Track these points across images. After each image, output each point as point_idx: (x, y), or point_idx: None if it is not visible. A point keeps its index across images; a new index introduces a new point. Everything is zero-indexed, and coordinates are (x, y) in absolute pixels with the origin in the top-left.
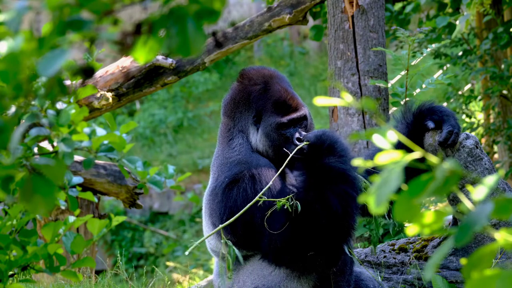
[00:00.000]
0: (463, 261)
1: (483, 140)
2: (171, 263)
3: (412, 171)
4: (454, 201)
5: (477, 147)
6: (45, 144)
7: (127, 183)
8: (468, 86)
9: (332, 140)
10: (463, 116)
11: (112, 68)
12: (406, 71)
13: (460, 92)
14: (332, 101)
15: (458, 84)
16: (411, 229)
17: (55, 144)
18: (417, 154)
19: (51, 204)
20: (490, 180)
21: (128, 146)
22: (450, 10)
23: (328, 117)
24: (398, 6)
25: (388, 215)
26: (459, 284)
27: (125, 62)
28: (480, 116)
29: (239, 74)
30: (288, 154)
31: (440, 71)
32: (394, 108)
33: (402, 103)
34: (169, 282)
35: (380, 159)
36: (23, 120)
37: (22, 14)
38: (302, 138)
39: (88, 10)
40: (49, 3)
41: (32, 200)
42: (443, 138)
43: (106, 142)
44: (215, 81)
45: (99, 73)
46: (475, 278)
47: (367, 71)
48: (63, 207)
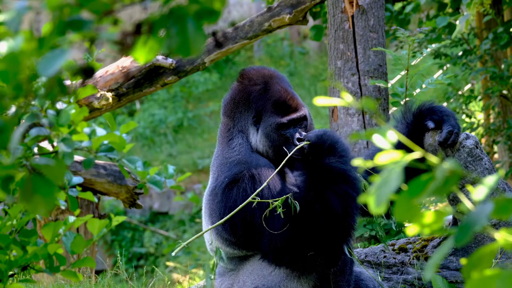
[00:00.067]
0: (463, 261)
1: (483, 140)
2: (171, 263)
3: (412, 171)
4: (454, 201)
5: (477, 147)
6: (45, 144)
7: (127, 183)
8: (468, 86)
9: (333, 140)
10: (463, 116)
11: (112, 68)
12: (406, 71)
13: (460, 92)
14: (332, 101)
15: (458, 84)
16: (411, 229)
17: (55, 144)
18: (417, 154)
19: (51, 204)
20: (490, 180)
21: (128, 146)
22: (450, 10)
23: (328, 117)
24: (398, 6)
25: (388, 215)
26: (459, 284)
27: (125, 62)
28: (480, 116)
29: (239, 74)
30: (291, 155)
31: (440, 71)
32: (394, 108)
33: (402, 103)
34: (169, 282)
35: (380, 159)
36: (23, 120)
37: (22, 14)
38: (303, 138)
39: (88, 10)
40: (49, 3)
41: (32, 200)
42: (443, 138)
43: (106, 142)
44: (215, 81)
45: (99, 73)
46: (475, 278)
47: (367, 71)
48: (63, 207)
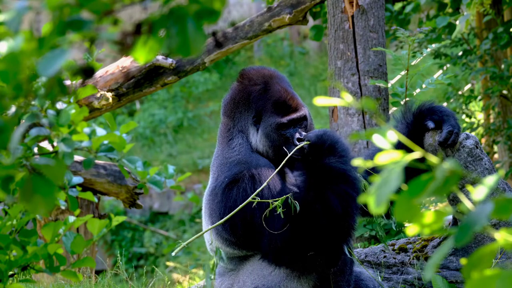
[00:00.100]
0: (463, 261)
1: (483, 140)
2: (171, 263)
3: (412, 171)
4: (454, 201)
5: (477, 147)
6: (45, 144)
7: (127, 183)
8: (468, 86)
9: (333, 140)
10: (463, 116)
11: (112, 68)
12: (406, 71)
13: (460, 92)
14: (332, 101)
15: (458, 84)
16: (411, 229)
17: (55, 144)
18: (417, 154)
19: (51, 204)
20: (490, 180)
21: (128, 146)
22: (450, 10)
23: (328, 117)
24: (398, 6)
25: (388, 215)
26: (459, 284)
27: (125, 62)
28: (480, 116)
29: (239, 74)
30: (288, 154)
31: (440, 71)
32: (394, 108)
33: (402, 103)
34: (169, 282)
35: (380, 159)
36: (23, 120)
37: (22, 14)
38: (303, 138)
39: (88, 10)
40: (49, 3)
41: (32, 200)
42: (443, 138)
43: (106, 142)
44: (215, 81)
45: (99, 73)
46: (475, 278)
47: (367, 71)
48: (63, 207)
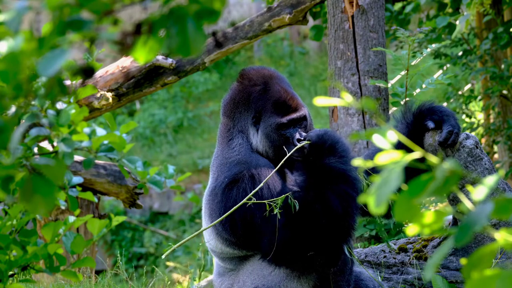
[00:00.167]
0: (463, 261)
1: (483, 140)
2: (171, 263)
3: (412, 171)
4: (454, 201)
5: (477, 147)
6: (45, 144)
7: (127, 183)
8: (468, 86)
9: (333, 140)
10: (463, 116)
11: (112, 68)
12: (406, 71)
13: (460, 92)
14: (332, 101)
15: (458, 84)
16: (411, 229)
17: (55, 144)
18: (417, 154)
19: (51, 204)
20: (490, 180)
21: (128, 146)
22: (450, 10)
23: (328, 117)
24: (398, 6)
25: (388, 215)
26: (459, 284)
27: (125, 62)
28: (480, 116)
29: (239, 74)
30: (290, 155)
31: (440, 71)
32: (394, 108)
33: (402, 103)
34: (169, 282)
35: (380, 159)
36: (23, 120)
37: (22, 14)
38: (303, 138)
39: (88, 10)
40: (49, 3)
41: (32, 200)
42: (443, 138)
43: (106, 142)
44: (215, 81)
45: (99, 73)
46: (475, 278)
47: (367, 71)
48: (63, 207)
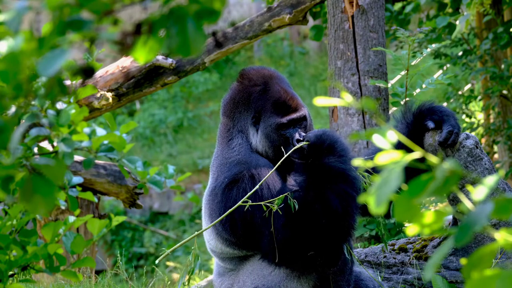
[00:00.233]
0: (463, 261)
1: (483, 140)
2: (171, 263)
3: (412, 171)
4: (454, 201)
5: (477, 147)
6: (45, 144)
7: (127, 183)
8: (468, 86)
9: (332, 140)
10: (463, 116)
11: (112, 68)
12: (406, 71)
13: (460, 92)
14: (332, 101)
15: (458, 84)
16: (411, 229)
17: (55, 144)
18: (417, 154)
19: (51, 204)
20: (490, 180)
21: (128, 146)
22: (450, 10)
23: (328, 117)
24: (398, 6)
25: (388, 215)
26: (459, 284)
27: (125, 62)
28: (480, 116)
29: (239, 74)
30: (288, 155)
31: (440, 71)
32: (394, 108)
33: (402, 103)
34: (169, 282)
35: (380, 159)
36: (23, 120)
37: (22, 14)
38: (302, 138)
39: (88, 10)
40: (49, 3)
41: (32, 200)
42: (443, 138)
43: (106, 142)
44: (215, 81)
45: (99, 73)
46: (475, 278)
47: (367, 71)
48: (63, 207)
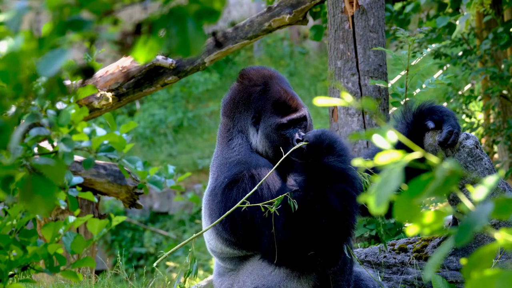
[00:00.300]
0: (463, 261)
1: (483, 140)
2: (171, 263)
3: (412, 171)
4: (454, 201)
5: (477, 147)
6: (45, 144)
7: (127, 183)
8: (468, 86)
9: (331, 140)
10: (463, 116)
11: (112, 68)
12: (406, 71)
13: (460, 92)
14: (332, 101)
15: (458, 84)
16: (411, 229)
17: (55, 144)
18: (417, 154)
19: (51, 204)
20: (490, 180)
21: (128, 146)
22: (450, 10)
23: (328, 117)
24: (398, 6)
25: (388, 215)
26: (459, 284)
27: (125, 62)
28: (480, 116)
29: (239, 74)
30: (288, 155)
31: (440, 71)
32: (394, 108)
33: (402, 103)
34: (169, 282)
35: (380, 159)
36: (23, 120)
37: (22, 14)
38: (301, 138)
39: (88, 10)
40: (49, 3)
41: (32, 200)
42: (443, 138)
43: (106, 142)
44: (215, 81)
45: (99, 73)
46: (475, 278)
47: (367, 71)
48: (63, 207)
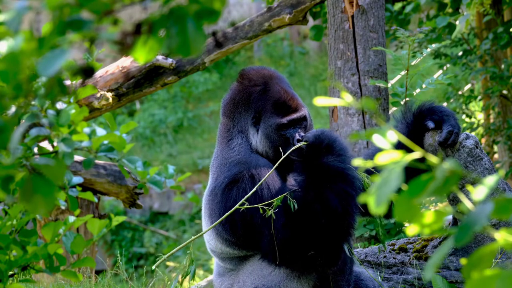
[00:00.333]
0: (463, 261)
1: (483, 140)
2: (171, 263)
3: (412, 171)
4: (454, 201)
5: (477, 147)
6: (45, 144)
7: (127, 183)
8: (468, 86)
9: (330, 140)
10: (463, 116)
11: (112, 68)
12: (406, 71)
13: (460, 92)
14: (332, 101)
15: (458, 84)
16: (411, 229)
17: (55, 144)
18: (417, 154)
19: (51, 204)
20: (490, 180)
21: (128, 146)
22: (450, 10)
23: (328, 117)
24: (398, 6)
25: (388, 215)
26: (459, 284)
27: (125, 62)
28: (480, 116)
29: (239, 74)
30: (287, 155)
31: (440, 71)
32: (394, 108)
33: (402, 103)
34: (169, 282)
35: (380, 159)
36: (23, 120)
37: (22, 14)
38: (301, 138)
39: (88, 10)
40: (49, 3)
41: (32, 200)
42: (443, 138)
43: (106, 142)
44: (215, 81)
45: (99, 73)
46: (475, 278)
47: (367, 71)
48: (63, 207)
